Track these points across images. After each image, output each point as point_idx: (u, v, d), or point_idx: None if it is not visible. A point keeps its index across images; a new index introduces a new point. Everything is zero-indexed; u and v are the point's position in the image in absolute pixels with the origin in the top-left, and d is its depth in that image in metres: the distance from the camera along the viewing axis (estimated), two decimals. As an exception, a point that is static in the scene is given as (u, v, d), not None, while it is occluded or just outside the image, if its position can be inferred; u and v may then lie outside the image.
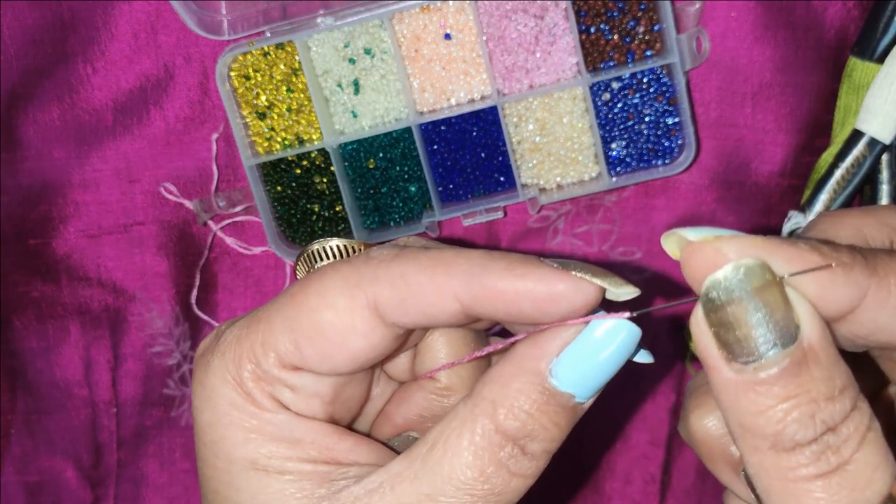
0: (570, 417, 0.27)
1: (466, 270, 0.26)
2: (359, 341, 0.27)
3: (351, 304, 0.27)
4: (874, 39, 0.43)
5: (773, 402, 0.22)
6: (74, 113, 0.47)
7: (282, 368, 0.28)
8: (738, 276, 0.23)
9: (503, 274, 0.26)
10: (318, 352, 0.27)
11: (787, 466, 0.23)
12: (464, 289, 0.26)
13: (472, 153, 0.45)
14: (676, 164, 0.44)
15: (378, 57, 0.44)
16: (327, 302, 0.27)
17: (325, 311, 0.27)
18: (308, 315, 0.27)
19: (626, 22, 0.43)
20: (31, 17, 0.46)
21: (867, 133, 0.43)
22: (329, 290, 0.27)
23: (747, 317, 0.23)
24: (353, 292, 0.27)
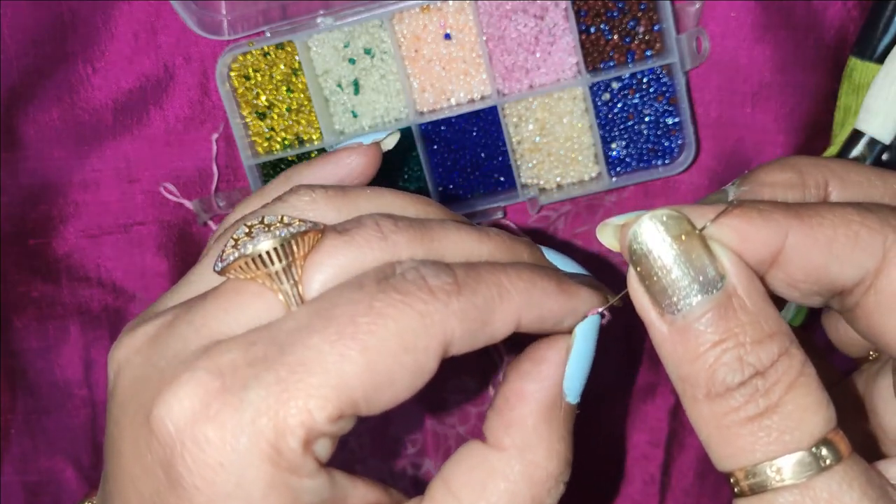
0: (572, 419, 0.28)
1: (526, 292, 0.26)
2: (424, 378, 0.25)
3: (427, 344, 0.24)
4: (874, 39, 0.43)
5: (704, 348, 0.23)
6: (74, 113, 0.47)
7: (333, 422, 0.23)
8: (655, 225, 0.24)
9: (558, 297, 0.26)
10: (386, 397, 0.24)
11: (720, 412, 0.23)
12: (525, 312, 0.26)
13: (472, 153, 0.45)
14: (676, 165, 0.44)
15: (378, 57, 0.44)
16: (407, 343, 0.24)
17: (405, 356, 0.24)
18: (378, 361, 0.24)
19: (626, 22, 0.43)
20: (31, 17, 0.46)
21: (867, 133, 0.43)
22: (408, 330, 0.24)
23: (670, 265, 0.24)
24: (431, 336, 0.24)
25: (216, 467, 0.23)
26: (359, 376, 0.23)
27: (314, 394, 0.23)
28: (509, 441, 0.26)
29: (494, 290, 0.25)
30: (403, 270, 0.25)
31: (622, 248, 0.25)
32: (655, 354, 0.50)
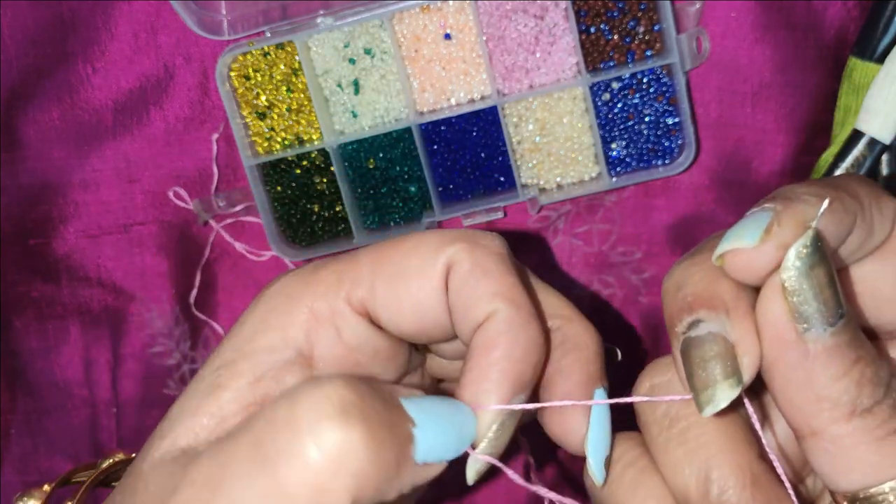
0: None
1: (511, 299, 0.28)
2: (431, 300, 0.27)
3: (434, 259, 0.28)
4: (874, 39, 0.43)
5: (848, 365, 0.24)
6: (74, 113, 0.47)
7: (345, 306, 0.28)
8: (819, 245, 0.24)
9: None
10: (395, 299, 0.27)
11: (872, 426, 0.24)
12: (504, 307, 0.27)
13: (473, 153, 0.45)
14: (676, 164, 0.44)
15: (378, 57, 0.44)
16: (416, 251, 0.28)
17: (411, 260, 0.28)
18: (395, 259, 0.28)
19: (626, 22, 0.43)
20: (31, 17, 0.46)
21: (867, 133, 0.43)
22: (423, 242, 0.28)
23: (827, 284, 0.24)
24: (437, 255, 0.28)
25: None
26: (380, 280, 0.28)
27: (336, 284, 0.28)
28: None
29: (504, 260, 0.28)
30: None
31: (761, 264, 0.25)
32: (654, 354, 0.50)
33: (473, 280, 0.27)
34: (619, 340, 0.48)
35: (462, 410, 0.26)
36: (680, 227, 0.47)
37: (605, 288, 0.48)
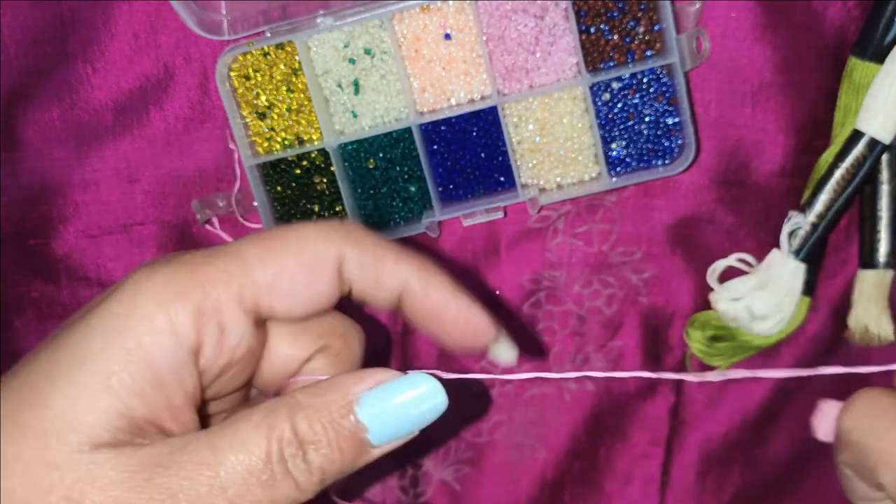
0: (355, 450, 0.28)
1: (420, 267, 0.31)
2: (323, 284, 0.30)
3: (325, 250, 0.30)
4: (874, 39, 0.43)
5: None
6: (74, 113, 0.47)
7: (235, 304, 0.28)
8: None
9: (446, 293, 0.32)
10: (288, 286, 0.29)
11: None
12: (414, 280, 0.31)
13: (473, 153, 0.45)
14: (676, 164, 0.44)
15: (378, 57, 0.44)
16: (305, 246, 0.30)
17: (304, 254, 0.29)
18: (288, 253, 0.29)
19: (626, 22, 0.43)
20: (31, 17, 0.46)
21: (867, 133, 0.43)
22: (308, 237, 0.30)
23: None
24: (329, 243, 0.30)
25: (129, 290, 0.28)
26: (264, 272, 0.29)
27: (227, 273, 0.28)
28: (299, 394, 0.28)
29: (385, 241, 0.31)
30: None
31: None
32: (654, 354, 0.50)
33: (378, 259, 0.31)
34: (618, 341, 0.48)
35: (417, 387, 0.29)
36: (680, 227, 0.47)
37: (605, 288, 0.48)
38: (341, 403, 0.28)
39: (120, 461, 0.26)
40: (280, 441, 0.27)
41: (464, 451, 0.50)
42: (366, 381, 0.29)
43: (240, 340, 0.29)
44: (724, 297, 0.46)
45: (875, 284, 0.45)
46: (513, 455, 0.50)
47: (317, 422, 0.28)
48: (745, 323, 0.45)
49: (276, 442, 0.27)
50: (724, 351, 0.46)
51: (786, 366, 0.48)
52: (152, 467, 0.26)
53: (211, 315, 0.28)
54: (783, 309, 0.45)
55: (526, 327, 0.49)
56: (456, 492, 0.50)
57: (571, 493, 0.50)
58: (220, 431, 0.27)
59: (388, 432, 0.29)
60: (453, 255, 0.48)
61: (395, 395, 0.29)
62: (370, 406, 0.28)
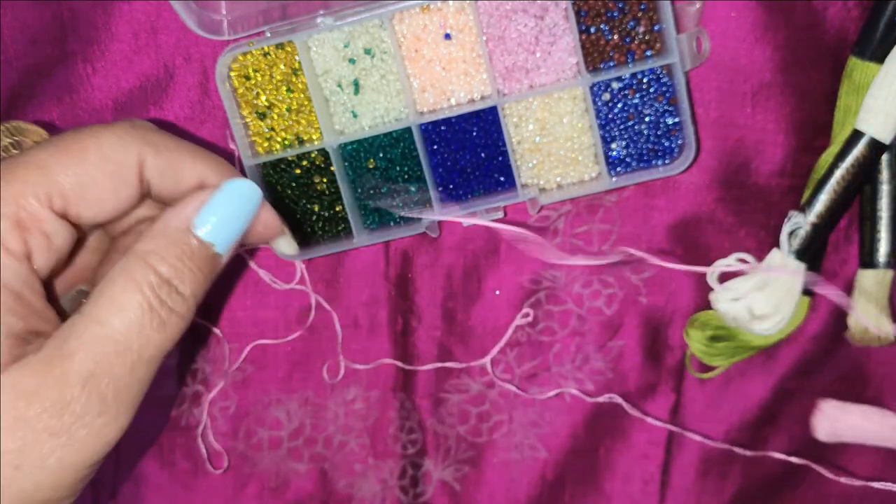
0: (210, 265, 0.33)
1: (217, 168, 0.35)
2: (127, 191, 0.33)
3: (125, 158, 0.33)
4: (874, 39, 0.43)
5: None
6: (74, 113, 0.47)
7: (49, 210, 0.31)
8: None
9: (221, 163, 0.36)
10: (95, 195, 0.32)
11: None
12: (212, 179, 0.35)
13: (473, 153, 0.45)
14: (676, 164, 0.44)
15: (378, 57, 0.44)
16: (105, 153, 0.32)
17: (106, 163, 0.32)
18: (89, 160, 0.32)
19: (626, 22, 0.43)
20: (31, 17, 0.46)
21: (867, 133, 0.43)
22: (107, 143, 0.32)
23: None
24: (128, 149, 0.33)
25: None
26: (67, 175, 0.31)
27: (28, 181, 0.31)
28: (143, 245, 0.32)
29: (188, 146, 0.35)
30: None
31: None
32: (654, 353, 0.50)
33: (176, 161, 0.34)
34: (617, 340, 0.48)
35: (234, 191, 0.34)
36: (680, 227, 0.47)
37: (604, 288, 0.48)
38: (183, 233, 0.32)
39: (30, 370, 0.29)
40: (152, 288, 0.31)
41: (464, 451, 0.50)
42: (192, 205, 0.33)
43: (63, 242, 0.32)
44: (725, 296, 0.46)
45: (875, 284, 0.45)
46: (513, 455, 0.50)
47: (172, 258, 0.31)
48: (745, 323, 0.45)
49: (150, 290, 0.31)
50: (724, 351, 0.46)
51: (785, 366, 0.48)
52: (60, 360, 0.29)
53: (31, 226, 0.31)
54: (783, 309, 0.45)
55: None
56: (456, 492, 0.50)
57: (571, 492, 0.50)
58: (96, 306, 0.30)
59: (228, 238, 0.33)
60: (453, 255, 0.48)
61: (220, 205, 0.33)
62: (205, 225, 0.32)
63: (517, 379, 0.49)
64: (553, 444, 0.49)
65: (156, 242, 0.32)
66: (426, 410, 0.49)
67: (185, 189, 0.34)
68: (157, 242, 0.32)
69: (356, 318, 0.49)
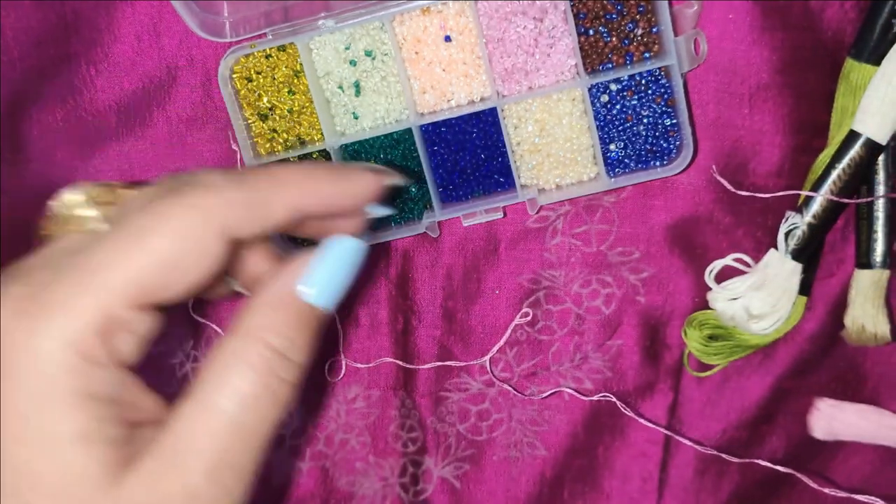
0: (319, 323, 0.32)
1: (301, 180, 0.33)
2: (211, 260, 0.30)
3: (203, 231, 0.30)
4: (871, 41, 0.43)
5: None
6: (77, 114, 0.47)
7: (129, 309, 0.29)
8: None
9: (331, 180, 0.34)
10: (176, 277, 0.29)
11: None
12: (303, 197, 0.33)
13: (472, 154, 0.46)
14: (674, 165, 0.45)
15: (379, 59, 0.45)
16: (179, 233, 0.29)
17: (182, 241, 0.29)
18: (162, 246, 0.29)
19: (624, 24, 0.44)
20: (35, 19, 0.46)
21: (864, 134, 0.43)
22: (178, 221, 0.29)
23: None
24: (204, 222, 0.30)
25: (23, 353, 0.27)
26: (146, 268, 0.28)
27: (108, 286, 0.28)
28: (242, 325, 0.30)
29: (270, 180, 0.32)
30: (187, 177, 0.31)
31: None
32: (652, 353, 0.50)
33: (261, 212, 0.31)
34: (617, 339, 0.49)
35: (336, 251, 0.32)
36: (678, 228, 0.47)
37: (603, 287, 0.48)
38: (290, 302, 0.31)
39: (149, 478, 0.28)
40: (266, 364, 0.29)
41: (464, 449, 0.50)
42: (296, 272, 0.31)
43: (150, 327, 0.30)
44: (722, 296, 0.46)
45: (871, 284, 0.45)
46: (512, 453, 0.50)
47: (283, 329, 0.30)
48: (742, 322, 0.45)
49: (264, 367, 0.29)
50: (722, 350, 0.47)
51: (782, 365, 0.48)
52: (180, 460, 0.28)
53: (114, 328, 0.29)
54: (780, 308, 0.45)
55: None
56: (456, 489, 0.50)
57: (570, 490, 0.50)
58: (210, 392, 0.29)
59: (334, 294, 0.32)
60: (453, 254, 0.49)
61: (325, 267, 0.32)
62: (311, 288, 0.31)
63: (516, 377, 0.49)
64: (552, 443, 0.50)
65: (264, 317, 0.30)
66: (426, 409, 0.50)
67: (279, 221, 0.32)
68: (266, 317, 0.30)
69: (357, 317, 0.49)
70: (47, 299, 0.28)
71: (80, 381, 0.27)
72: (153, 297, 0.29)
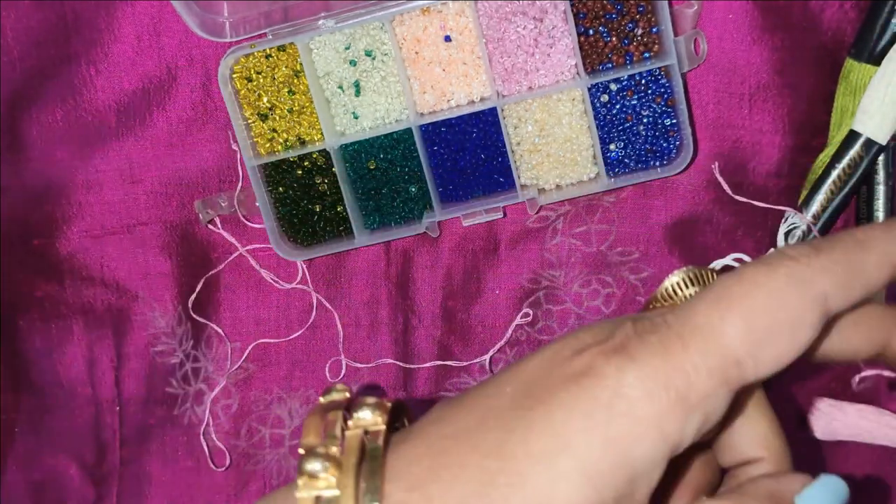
0: None
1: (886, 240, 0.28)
2: (805, 334, 0.27)
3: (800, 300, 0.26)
4: (871, 41, 0.43)
5: None
6: (77, 114, 0.47)
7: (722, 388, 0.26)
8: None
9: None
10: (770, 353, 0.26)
11: None
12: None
13: (472, 154, 0.46)
14: (674, 165, 0.45)
15: (379, 59, 0.45)
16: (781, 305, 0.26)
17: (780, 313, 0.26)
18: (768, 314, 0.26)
19: (624, 24, 0.44)
20: (35, 19, 0.46)
21: (864, 134, 0.44)
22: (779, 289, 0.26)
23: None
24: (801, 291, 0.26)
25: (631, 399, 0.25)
26: (740, 337, 0.25)
27: (701, 352, 0.25)
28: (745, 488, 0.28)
29: (851, 242, 0.27)
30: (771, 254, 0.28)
31: None
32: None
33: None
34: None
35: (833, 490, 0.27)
36: (678, 228, 0.47)
37: (603, 287, 0.48)
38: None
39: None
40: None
41: (464, 449, 0.50)
42: (799, 482, 0.28)
43: (720, 415, 0.26)
44: (722, 296, 0.46)
45: (871, 284, 0.45)
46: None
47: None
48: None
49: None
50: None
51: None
52: None
53: (697, 407, 0.25)
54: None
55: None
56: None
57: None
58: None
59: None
60: (453, 255, 0.49)
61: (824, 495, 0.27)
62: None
63: None
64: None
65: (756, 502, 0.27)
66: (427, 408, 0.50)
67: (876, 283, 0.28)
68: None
69: (357, 317, 0.49)
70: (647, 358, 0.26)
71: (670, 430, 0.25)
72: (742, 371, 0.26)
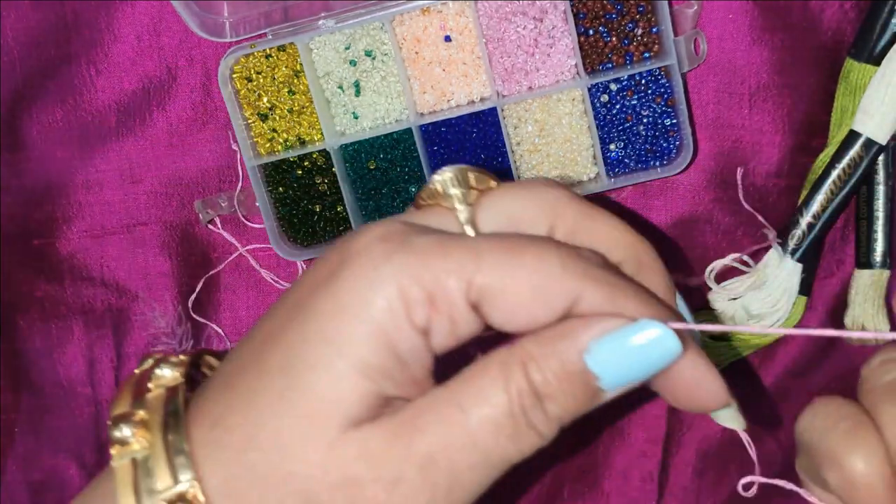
0: (588, 397, 0.28)
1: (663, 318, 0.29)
2: (545, 314, 0.28)
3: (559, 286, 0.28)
4: (871, 41, 0.43)
5: None
6: (77, 114, 0.47)
7: (464, 299, 0.27)
8: None
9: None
10: (509, 306, 0.27)
11: None
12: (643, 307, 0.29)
13: (472, 154, 0.46)
14: (674, 165, 0.45)
15: (379, 59, 0.45)
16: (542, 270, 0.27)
17: (537, 276, 0.27)
18: (522, 269, 0.27)
19: (624, 24, 0.44)
20: (35, 19, 0.46)
21: (864, 134, 0.44)
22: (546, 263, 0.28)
23: None
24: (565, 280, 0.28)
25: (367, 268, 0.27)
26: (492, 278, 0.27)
27: (467, 269, 0.27)
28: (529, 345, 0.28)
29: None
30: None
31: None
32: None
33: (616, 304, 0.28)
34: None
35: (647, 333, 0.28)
36: (678, 228, 0.47)
37: (603, 287, 0.48)
38: (572, 352, 0.27)
39: (381, 434, 0.27)
40: (519, 394, 0.27)
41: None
42: (594, 328, 0.28)
43: (467, 331, 0.28)
44: (722, 296, 0.46)
45: (871, 284, 0.45)
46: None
47: (550, 373, 0.27)
48: (742, 322, 0.45)
49: (516, 395, 0.27)
50: (722, 350, 0.47)
51: (781, 365, 0.48)
52: (409, 433, 0.27)
53: (442, 307, 0.27)
54: (780, 308, 0.45)
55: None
56: (456, 489, 0.50)
57: (570, 489, 0.50)
58: (461, 388, 0.28)
59: (620, 379, 0.28)
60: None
61: (625, 342, 0.28)
62: (600, 354, 0.27)
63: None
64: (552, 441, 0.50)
65: (541, 349, 0.28)
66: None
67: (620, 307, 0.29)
68: (543, 350, 0.27)
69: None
70: (418, 244, 0.28)
71: (392, 325, 0.27)
72: (482, 304, 0.28)
